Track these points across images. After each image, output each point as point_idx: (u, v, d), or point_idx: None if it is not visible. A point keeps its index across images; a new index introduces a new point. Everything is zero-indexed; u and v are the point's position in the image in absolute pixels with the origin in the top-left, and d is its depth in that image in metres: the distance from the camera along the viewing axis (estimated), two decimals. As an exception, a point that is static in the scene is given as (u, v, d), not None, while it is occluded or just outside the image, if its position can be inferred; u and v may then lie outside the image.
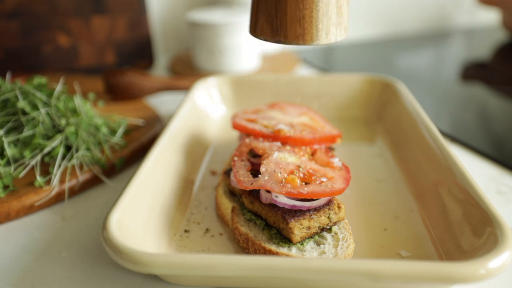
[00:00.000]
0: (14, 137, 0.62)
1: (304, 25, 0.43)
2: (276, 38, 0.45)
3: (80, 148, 0.64)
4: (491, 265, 0.35)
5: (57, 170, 0.60)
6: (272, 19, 0.44)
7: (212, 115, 0.79)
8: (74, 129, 0.64)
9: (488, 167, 0.66)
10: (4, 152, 0.61)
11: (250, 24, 0.49)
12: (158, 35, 1.24)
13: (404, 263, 0.35)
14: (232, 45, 1.00)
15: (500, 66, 1.22)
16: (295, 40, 0.44)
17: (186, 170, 0.61)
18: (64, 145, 0.64)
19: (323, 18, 0.43)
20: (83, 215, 0.56)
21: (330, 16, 0.44)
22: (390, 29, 1.50)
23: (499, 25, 1.43)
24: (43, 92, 0.67)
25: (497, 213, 0.41)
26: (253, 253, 0.47)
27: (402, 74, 1.11)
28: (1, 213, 0.54)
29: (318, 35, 0.44)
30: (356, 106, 0.82)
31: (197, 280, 0.43)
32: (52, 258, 0.48)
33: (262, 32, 0.46)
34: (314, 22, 0.43)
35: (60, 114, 0.66)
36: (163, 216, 0.50)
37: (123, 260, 0.37)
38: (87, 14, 1.01)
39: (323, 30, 0.44)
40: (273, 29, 0.45)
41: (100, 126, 0.69)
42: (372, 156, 0.69)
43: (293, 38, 0.44)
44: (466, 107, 0.95)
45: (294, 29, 0.44)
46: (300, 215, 0.45)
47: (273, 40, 0.45)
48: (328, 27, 0.44)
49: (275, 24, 0.44)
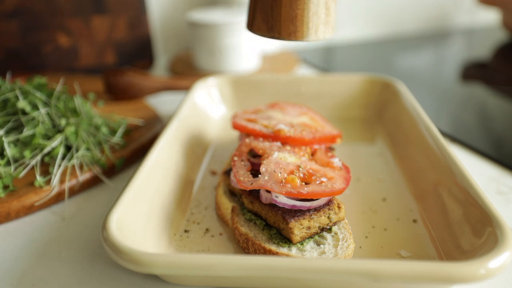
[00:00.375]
0: (14, 137, 0.62)
1: (296, 23, 0.48)
2: (271, 34, 0.50)
3: (80, 148, 0.64)
4: (491, 265, 0.35)
5: (57, 170, 0.60)
6: (268, 17, 0.50)
7: (212, 115, 0.79)
8: (74, 129, 0.64)
9: (488, 167, 0.66)
10: (4, 152, 0.61)
11: (248, 21, 0.53)
12: (158, 35, 1.24)
13: (404, 263, 0.35)
14: (232, 45, 1.00)
15: (500, 66, 1.22)
16: (288, 36, 0.49)
17: (186, 170, 0.61)
18: (64, 145, 0.64)
19: (313, 17, 0.48)
20: (83, 215, 0.56)
21: (319, 15, 0.49)
22: (390, 29, 1.50)
23: (499, 25, 1.43)
24: (43, 92, 0.67)
25: (497, 213, 0.41)
26: (253, 253, 0.47)
27: (402, 74, 1.11)
28: (1, 213, 0.54)
29: (308, 33, 0.49)
30: (356, 106, 0.82)
31: (197, 280, 0.43)
32: (52, 258, 0.48)
33: (258, 29, 0.51)
34: (305, 21, 0.48)
35: (60, 114, 0.66)
36: (163, 216, 0.50)
37: (123, 260, 0.37)
38: (87, 14, 1.01)
39: (313, 28, 0.49)
40: (269, 26, 0.50)
41: (100, 126, 0.69)
42: (372, 156, 0.69)
43: (286, 34, 0.49)
44: (466, 107, 0.95)
45: (287, 26, 0.49)
46: (300, 215, 0.45)
47: (269, 36, 0.51)
48: (317, 26, 0.49)
49: (270, 22, 0.50)
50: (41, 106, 0.64)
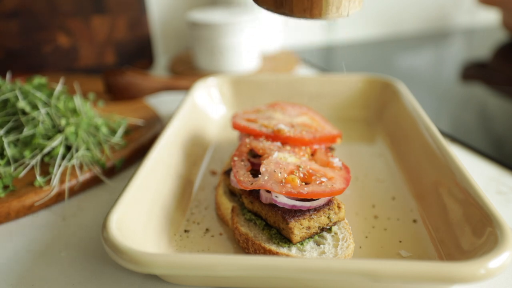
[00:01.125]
0: (14, 137, 0.62)
1: None
2: (281, 10, 0.41)
3: (80, 148, 0.64)
4: (491, 265, 0.35)
5: (57, 170, 0.60)
6: None
7: (212, 115, 0.79)
8: (74, 129, 0.64)
9: (488, 167, 0.66)
10: (4, 152, 0.61)
11: None
12: (158, 35, 1.24)
13: (404, 263, 0.35)
14: (232, 45, 1.00)
15: (500, 66, 1.22)
16: (302, 13, 0.40)
17: (186, 170, 0.61)
18: (64, 145, 0.64)
19: None
20: (83, 215, 0.56)
21: None
22: (390, 29, 1.50)
23: (499, 25, 1.43)
24: (43, 92, 0.67)
25: (497, 213, 0.41)
26: (253, 253, 0.47)
27: (402, 74, 1.11)
28: (1, 213, 0.54)
29: (328, 9, 0.39)
30: (356, 106, 0.82)
31: (197, 280, 0.43)
32: (52, 258, 0.48)
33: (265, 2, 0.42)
34: None
35: (60, 114, 0.66)
36: (163, 216, 0.50)
37: (123, 260, 0.37)
38: (87, 14, 1.01)
39: (334, 3, 0.39)
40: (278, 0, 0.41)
41: (100, 126, 0.69)
42: (372, 156, 0.69)
43: (300, 11, 0.40)
44: (466, 107, 0.95)
45: (302, 1, 0.39)
46: (300, 215, 0.45)
47: (277, 11, 0.41)
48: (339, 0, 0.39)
49: None
50: (41, 106, 0.64)
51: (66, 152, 0.63)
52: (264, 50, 1.17)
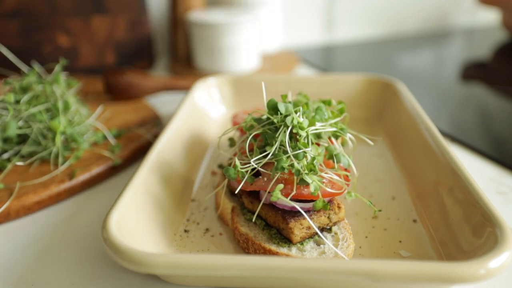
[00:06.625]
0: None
1: None
2: None
3: (80, 148, 0.64)
4: (491, 265, 0.35)
5: (57, 169, 0.60)
6: None
7: (212, 115, 0.79)
8: (74, 129, 0.64)
9: (488, 167, 0.66)
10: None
11: None
12: (158, 35, 1.24)
13: (404, 263, 0.35)
14: (232, 45, 1.00)
15: (500, 66, 1.22)
16: None
17: (186, 170, 0.61)
18: (63, 145, 0.64)
19: None
20: (83, 215, 0.56)
21: None
22: (390, 29, 1.50)
23: (499, 25, 1.43)
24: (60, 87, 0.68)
25: (497, 213, 0.41)
26: (253, 253, 0.47)
27: (402, 74, 1.11)
28: (1, 213, 0.54)
29: None
30: (356, 106, 0.82)
31: (197, 280, 0.43)
32: (52, 258, 0.48)
33: None
34: None
35: (60, 114, 0.66)
36: (163, 216, 0.50)
37: (123, 260, 0.37)
38: (87, 14, 1.01)
39: None
40: None
41: (99, 126, 0.69)
42: (372, 156, 0.69)
43: None
44: (466, 107, 0.95)
45: None
46: (300, 215, 0.45)
47: None
48: None
49: None
50: (41, 104, 0.64)
51: (66, 151, 0.63)
52: (264, 50, 1.17)
